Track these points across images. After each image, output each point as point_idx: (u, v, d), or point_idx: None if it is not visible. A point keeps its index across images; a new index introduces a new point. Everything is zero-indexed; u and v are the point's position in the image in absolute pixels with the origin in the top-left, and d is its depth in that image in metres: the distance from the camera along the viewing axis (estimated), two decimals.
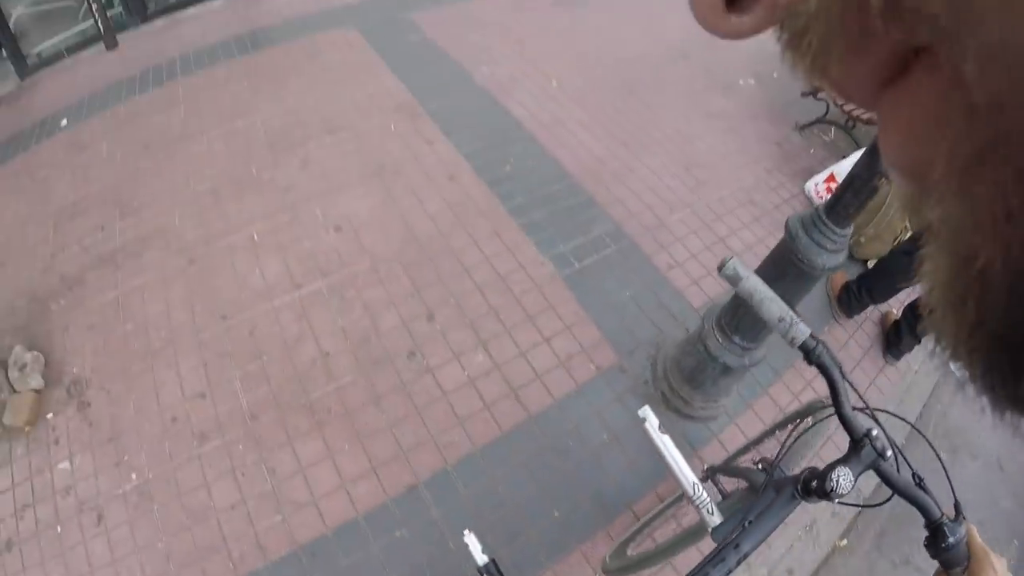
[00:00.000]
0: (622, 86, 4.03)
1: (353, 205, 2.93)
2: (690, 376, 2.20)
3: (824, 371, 1.04)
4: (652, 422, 1.30)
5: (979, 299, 0.14)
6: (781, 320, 1.08)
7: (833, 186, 3.56)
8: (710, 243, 3.00)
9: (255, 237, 2.78)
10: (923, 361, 2.91)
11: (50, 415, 2.25)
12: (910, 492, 0.96)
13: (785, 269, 1.81)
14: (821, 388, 2.30)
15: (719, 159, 3.63)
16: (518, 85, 3.81)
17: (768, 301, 1.10)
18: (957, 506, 0.94)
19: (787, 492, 1.04)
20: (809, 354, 1.05)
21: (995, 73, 0.12)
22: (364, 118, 3.48)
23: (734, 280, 1.14)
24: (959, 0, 0.12)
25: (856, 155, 3.50)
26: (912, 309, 2.74)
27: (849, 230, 1.72)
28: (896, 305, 2.94)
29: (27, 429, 2.18)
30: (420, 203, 2.94)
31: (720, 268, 1.16)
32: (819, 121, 4.29)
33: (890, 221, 3.14)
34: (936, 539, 0.91)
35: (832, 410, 1.07)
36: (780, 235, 3.10)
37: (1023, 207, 0.12)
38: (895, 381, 2.78)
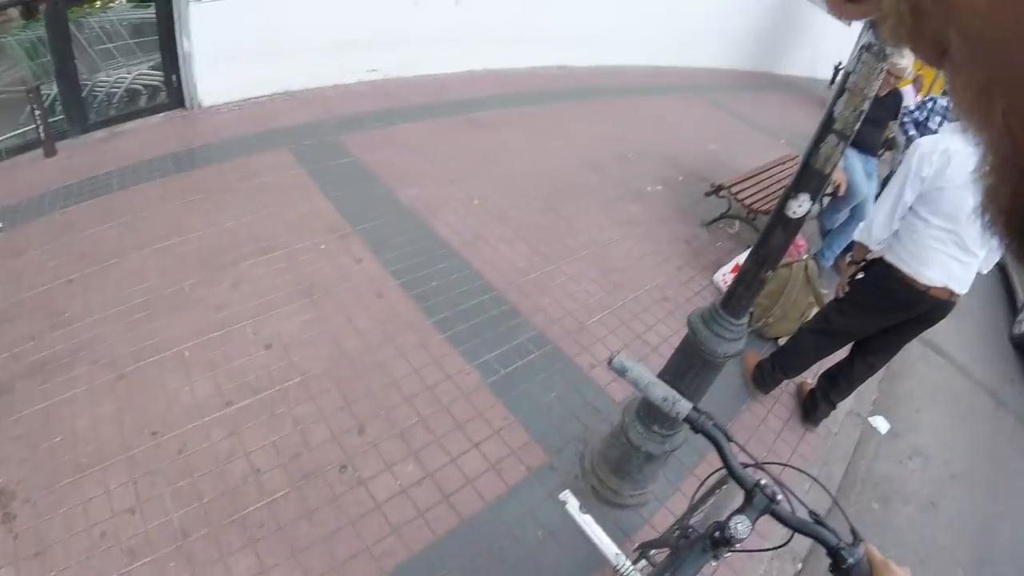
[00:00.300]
0: (540, 200, 4.54)
1: (283, 323, 3.10)
2: (616, 467, 2.46)
3: (709, 437, 1.22)
4: (572, 504, 1.56)
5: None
6: (665, 399, 1.26)
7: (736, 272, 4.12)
8: (629, 340, 3.38)
9: (186, 354, 2.87)
10: (842, 423, 3.34)
11: None
12: (806, 528, 1.12)
13: (692, 360, 2.13)
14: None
15: (634, 261, 4.11)
16: (442, 205, 4.25)
17: (652, 385, 1.28)
18: (854, 531, 1.11)
19: (698, 547, 1.19)
20: (693, 424, 1.23)
21: (967, 41, 0.21)
22: (295, 238, 3.74)
23: (620, 372, 1.32)
24: (948, 7, 0.21)
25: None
26: (826, 378, 3.16)
27: (745, 320, 2.06)
28: (810, 376, 3.36)
29: None
30: (349, 320, 3.18)
31: (609, 362, 1.35)
32: (723, 216, 4.93)
33: (794, 301, 3.64)
34: (837, 563, 1.06)
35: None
36: None
37: None
38: (816, 445, 3.18)
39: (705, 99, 8.72)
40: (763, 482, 1.18)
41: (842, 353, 3.18)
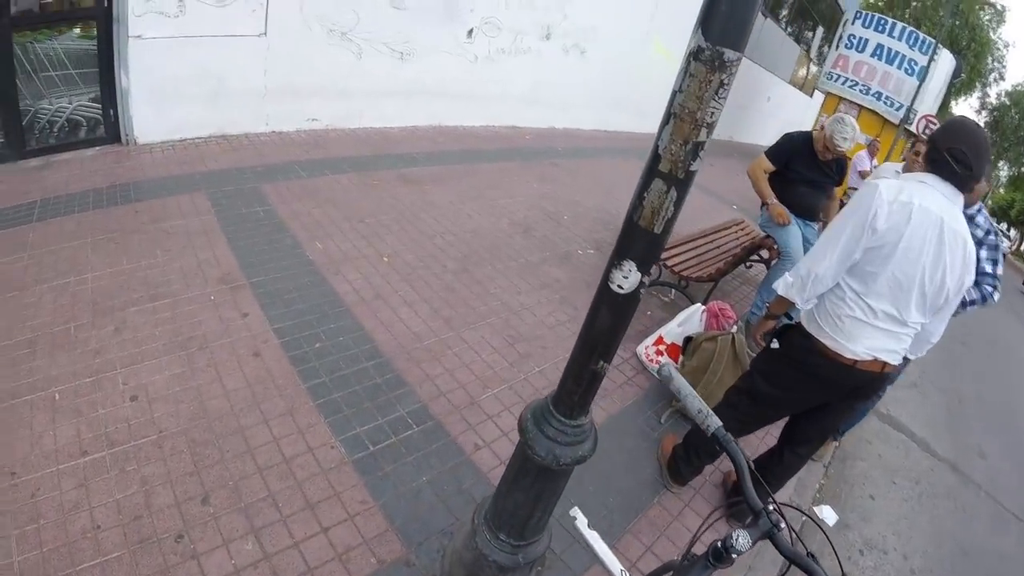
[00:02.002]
0: (456, 261, 4.35)
1: (153, 376, 2.89)
2: (471, 573, 2.14)
3: (732, 456, 1.36)
4: (581, 520, 1.67)
5: None
6: (699, 412, 1.41)
7: (663, 348, 3.85)
8: None
9: (56, 397, 2.71)
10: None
11: None
12: (800, 560, 1.21)
13: (526, 466, 1.78)
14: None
15: (547, 331, 3.90)
16: (348, 261, 4.02)
17: (691, 397, 1.45)
18: (843, 572, 1.26)
19: (700, 564, 1.27)
20: (720, 441, 1.37)
21: None
22: (187, 286, 3.52)
23: (667, 379, 1.51)
24: None
25: (684, 314, 3.87)
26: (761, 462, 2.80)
27: (583, 420, 1.72)
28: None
29: None
30: (219, 378, 2.92)
31: (658, 371, 1.55)
32: (654, 283, 4.72)
33: (720, 379, 3.33)
34: None
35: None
36: (603, 403, 3.29)
37: None
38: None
39: None
40: (771, 507, 1.28)
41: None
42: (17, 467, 2.38)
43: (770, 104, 12.42)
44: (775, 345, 2.56)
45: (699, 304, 3.93)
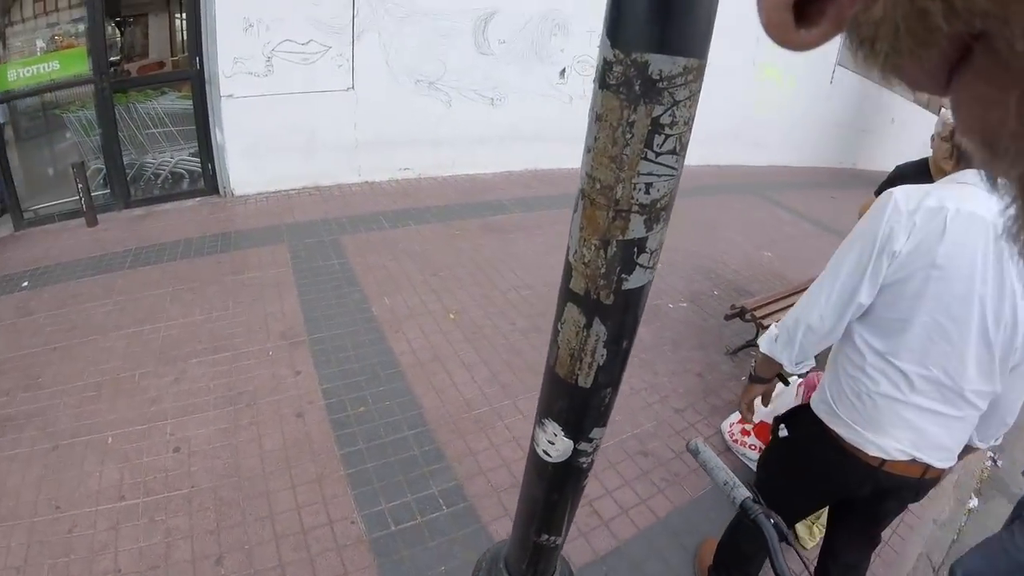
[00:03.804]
0: (527, 319, 4.16)
1: (199, 429, 2.98)
2: None
3: (760, 528, 1.22)
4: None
5: None
6: (726, 484, 1.32)
7: (748, 427, 3.41)
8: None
9: (109, 440, 2.90)
10: None
11: None
12: None
13: None
14: None
15: (619, 401, 3.57)
16: (413, 318, 3.97)
17: (717, 469, 1.37)
18: None
19: None
20: (747, 512, 1.24)
21: None
22: (249, 341, 3.63)
23: (695, 453, 1.42)
24: None
25: (778, 387, 3.41)
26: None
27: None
28: None
29: None
30: (258, 437, 2.94)
31: (687, 445, 1.44)
32: (749, 344, 4.21)
33: None
34: None
35: None
36: (670, 493, 2.94)
37: None
38: None
39: (765, 198, 7.97)
40: None
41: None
42: (62, 502, 2.59)
43: (895, 126, 11.26)
44: (783, 433, 1.97)
45: (795, 376, 3.45)
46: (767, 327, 3.77)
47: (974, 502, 3.52)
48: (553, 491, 1.08)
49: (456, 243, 5.11)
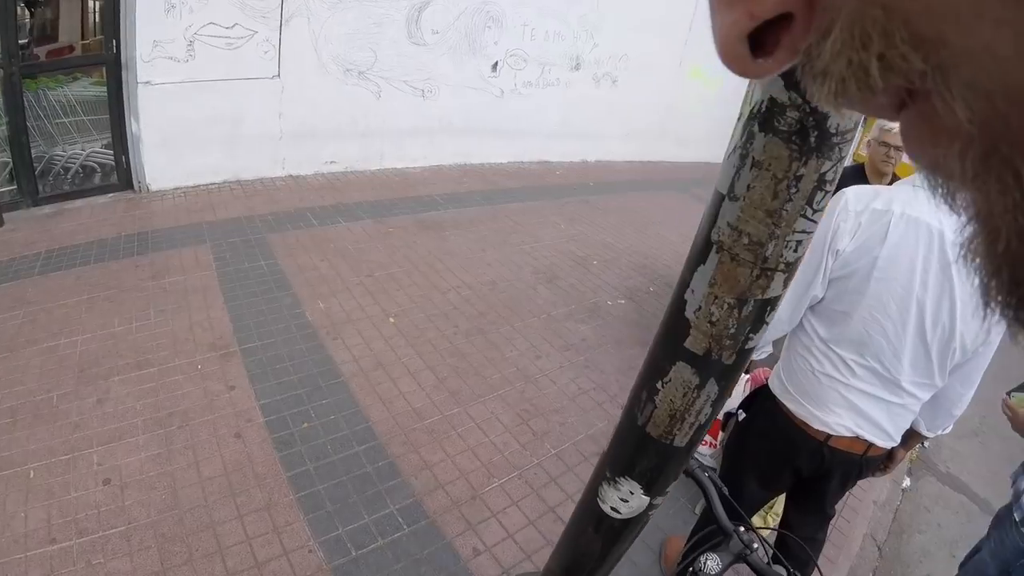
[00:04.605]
0: (470, 320, 4.09)
1: (129, 457, 2.73)
2: None
3: (698, 483, 1.36)
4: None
5: (1010, 269, 0.19)
6: None
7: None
8: (536, 516, 2.79)
9: (31, 475, 2.61)
10: None
11: None
12: None
13: None
14: None
15: (567, 402, 3.58)
16: (351, 323, 3.81)
17: None
18: None
19: None
20: (686, 471, 1.31)
21: (975, 102, 0.16)
22: (175, 354, 3.37)
23: None
24: (938, 58, 0.17)
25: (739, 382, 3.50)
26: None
27: None
28: None
29: None
30: (196, 463, 2.73)
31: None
32: None
33: None
34: None
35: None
36: None
37: None
38: None
39: (691, 195, 8.12)
40: (742, 529, 1.24)
41: None
42: None
43: None
44: (741, 415, 2.16)
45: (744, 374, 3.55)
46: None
47: (907, 482, 3.76)
48: (612, 544, 1.03)
49: (390, 241, 4.95)
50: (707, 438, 3.35)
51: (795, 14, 0.20)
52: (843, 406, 1.74)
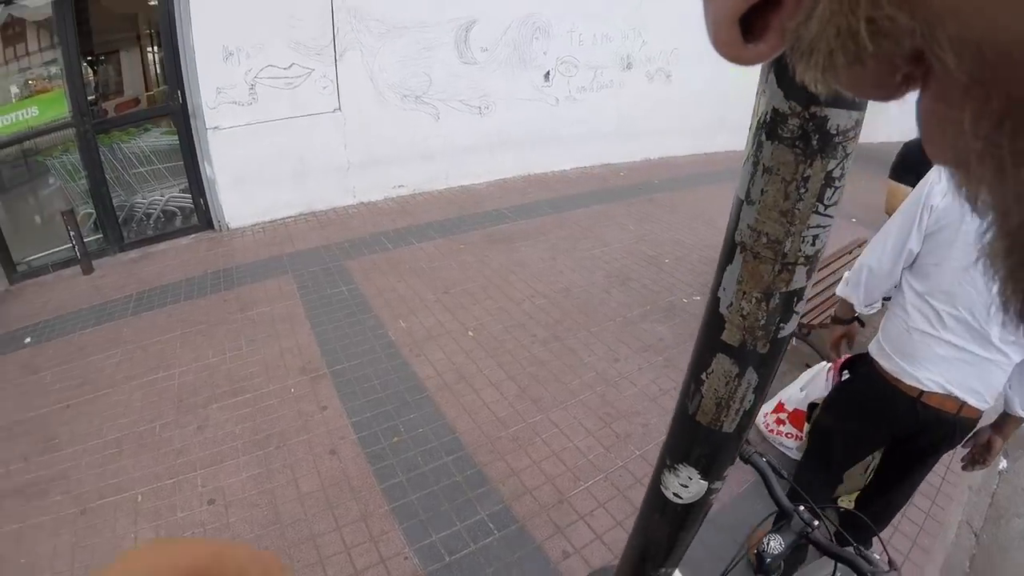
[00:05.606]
0: (546, 328, 4.15)
1: (231, 478, 2.93)
2: None
3: (756, 468, 1.35)
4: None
5: None
6: None
7: (783, 416, 3.41)
8: (623, 517, 2.81)
9: (139, 499, 2.82)
10: None
11: None
12: (838, 553, 1.17)
13: None
14: None
15: (649, 403, 3.58)
16: (432, 339, 3.95)
17: None
18: (891, 562, 1.20)
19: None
20: (741, 456, 1.31)
21: (965, 54, 0.16)
22: (268, 379, 3.59)
23: None
24: (924, 13, 0.16)
25: (808, 374, 3.41)
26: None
27: None
28: None
29: None
30: (295, 480, 2.90)
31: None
32: None
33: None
34: None
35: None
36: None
37: None
38: None
39: None
40: (802, 508, 1.26)
41: None
42: (97, 569, 2.45)
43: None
44: (845, 375, 2.27)
45: (824, 362, 3.46)
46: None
47: (1003, 464, 3.56)
48: (679, 529, 1.09)
49: (461, 257, 5.09)
50: (792, 430, 3.28)
51: None
52: (934, 361, 1.82)
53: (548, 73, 6.77)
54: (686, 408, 0.88)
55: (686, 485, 0.94)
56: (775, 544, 1.20)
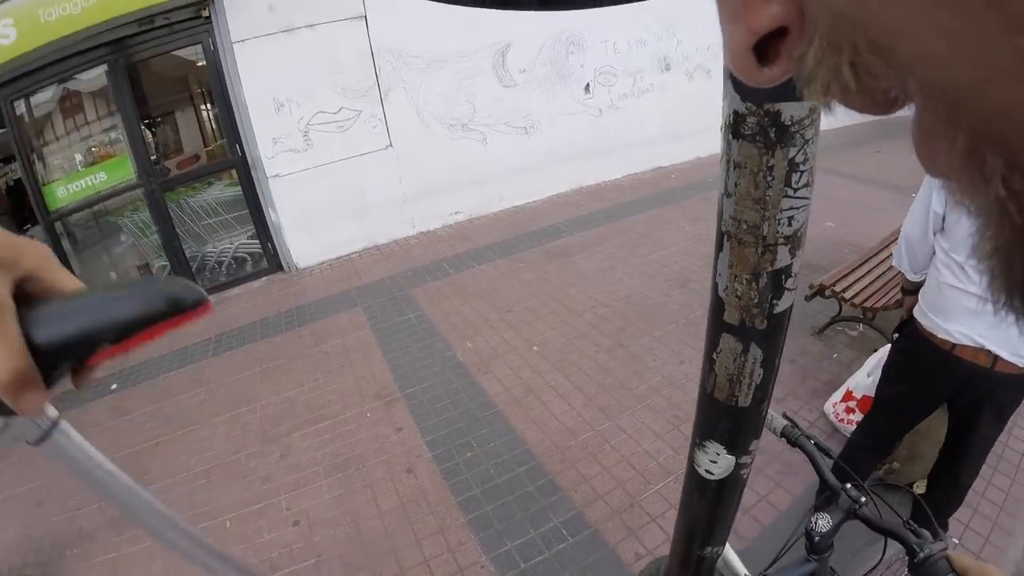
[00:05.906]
0: (609, 337, 4.20)
1: (314, 500, 3.11)
2: None
3: (803, 449, 1.37)
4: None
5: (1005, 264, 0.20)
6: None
7: (852, 404, 3.32)
8: None
9: (227, 524, 3.03)
10: None
11: None
12: (887, 528, 1.18)
13: None
14: None
15: None
16: (498, 357, 4.08)
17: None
18: (935, 532, 1.16)
19: (797, 561, 1.32)
20: (789, 438, 1.39)
21: (932, 97, 0.18)
22: (345, 407, 3.79)
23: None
24: (895, 61, 0.18)
25: (874, 359, 3.32)
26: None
27: None
28: None
29: None
30: (374, 498, 3.06)
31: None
32: (835, 320, 4.11)
33: (926, 431, 2.62)
34: (912, 558, 1.09)
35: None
36: (787, 485, 2.91)
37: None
38: None
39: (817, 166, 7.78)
40: (849, 485, 1.28)
41: None
42: None
43: None
44: (895, 336, 2.34)
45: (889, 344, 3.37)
46: (849, 300, 3.72)
47: None
48: (717, 506, 1.16)
49: (522, 275, 5.22)
50: (861, 418, 3.20)
51: (790, 28, 0.23)
52: (963, 314, 1.90)
53: (588, 85, 6.86)
54: (706, 387, 0.94)
55: (715, 461, 1.00)
56: (823, 523, 1.22)
